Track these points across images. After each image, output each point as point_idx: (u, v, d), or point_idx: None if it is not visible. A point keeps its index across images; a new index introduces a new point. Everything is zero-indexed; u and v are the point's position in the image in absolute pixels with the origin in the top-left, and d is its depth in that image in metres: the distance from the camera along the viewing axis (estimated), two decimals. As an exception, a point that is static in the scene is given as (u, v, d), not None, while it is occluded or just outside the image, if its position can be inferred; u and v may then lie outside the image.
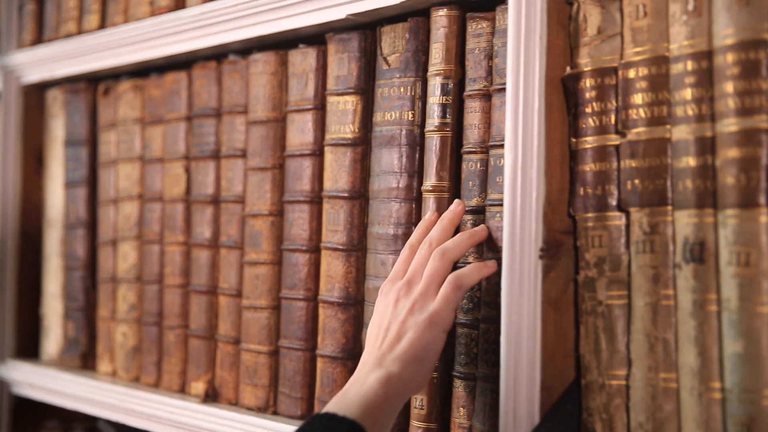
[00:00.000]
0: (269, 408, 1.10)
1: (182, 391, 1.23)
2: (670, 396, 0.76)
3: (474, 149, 0.91)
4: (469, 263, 0.89)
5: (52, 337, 1.47)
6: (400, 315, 0.84)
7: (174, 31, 1.22)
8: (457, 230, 0.91)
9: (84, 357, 1.40)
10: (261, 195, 1.12)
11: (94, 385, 1.32)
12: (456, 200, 0.91)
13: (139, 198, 1.33)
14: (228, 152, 1.18)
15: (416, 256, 0.88)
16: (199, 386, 1.18)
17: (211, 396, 1.18)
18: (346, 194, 1.03)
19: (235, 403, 1.15)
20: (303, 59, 1.09)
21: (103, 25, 1.37)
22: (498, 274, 0.85)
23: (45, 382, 1.40)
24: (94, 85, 1.42)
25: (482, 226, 0.89)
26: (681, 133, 0.75)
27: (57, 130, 1.49)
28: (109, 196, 1.38)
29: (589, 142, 0.82)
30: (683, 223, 0.75)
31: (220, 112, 1.20)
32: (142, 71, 1.35)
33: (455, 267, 0.89)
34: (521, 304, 0.82)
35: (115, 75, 1.40)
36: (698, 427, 0.73)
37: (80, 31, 1.41)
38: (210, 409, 1.15)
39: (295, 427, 1.03)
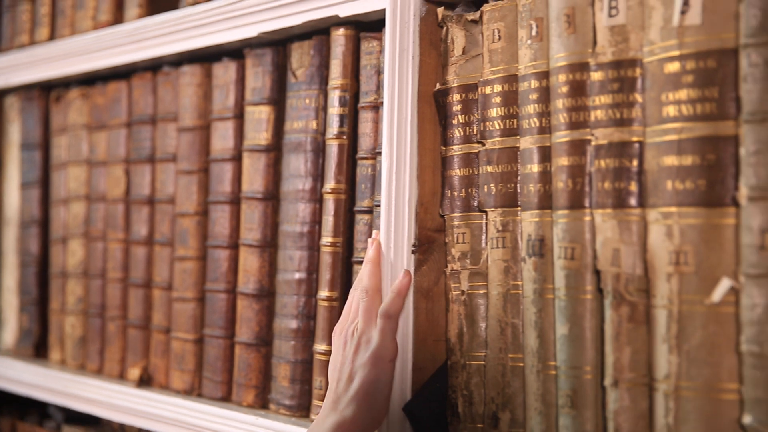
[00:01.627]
0: (194, 391, 1.21)
1: (121, 376, 1.33)
2: (517, 374, 0.86)
3: (366, 155, 1.02)
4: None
5: (9, 329, 1.57)
6: (349, 356, 0.91)
7: (113, 44, 1.32)
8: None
9: (36, 347, 1.51)
10: (188, 196, 1.23)
11: (44, 372, 1.42)
12: (376, 238, 0.96)
13: (86, 198, 1.43)
14: (162, 156, 1.29)
15: (354, 299, 0.95)
16: (134, 372, 1.29)
17: (146, 380, 1.28)
18: (260, 195, 1.13)
19: (166, 387, 1.26)
20: (225, 72, 1.19)
21: (52, 37, 1.48)
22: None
23: (1, 371, 1.50)
24: (47, 92, 1.52)
25: (375, 251, 0.94)
26: (526, 143, 0.85)
27: (14, 134, 1.60)
28: (60, 197, 1.48)
29: (456, 150, 0.92)
30: (528, 222, 0.85)
31: (155, 119, 1.31)
32: (90, 80, 1.45)
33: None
34: (396, 294, 0.92)
35: (65, 83, 1.50)
36: (536, 400, 0.83)
37: (32, 42, 1.51)
38: (143, 392, 1.25)
39: (217, 408, 1.14)
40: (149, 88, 1.32)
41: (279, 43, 1.14)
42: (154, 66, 1.33)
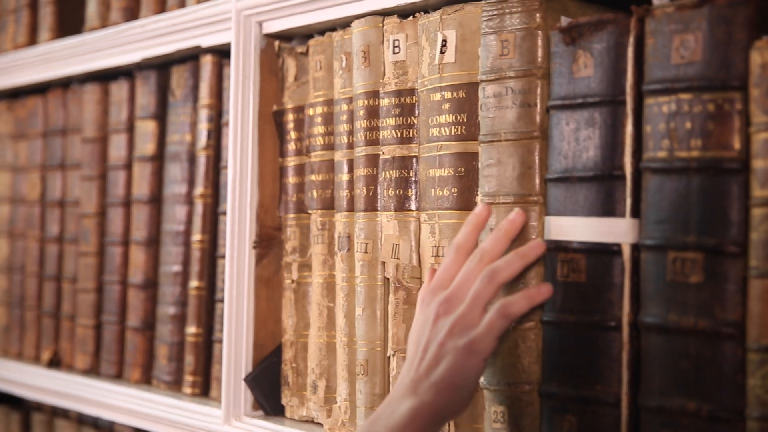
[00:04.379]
0: (94, 370, 1.38)
1: (37, 359, 1.50)
2: (331, 349, 1.03)
3: (226, 165, 1.18)
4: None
5: (-55, 319, 1.74)
6: (439, 335, 0.80)
7: (28, 63, 1.49)
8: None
9: (-32, 335, 1.67)
10: (90, 199, 1.39)
11: (-29, 357, 1.59)
12: (517, 209, 0.83)
13: (10, 201, 1.60)
14: (70, 163, 1.45)
15: (465, 269, 0.83)
16: (46, 354, 1.45)
17: (56, 362, 1.45)
18: (146, 199, 1.30)
19: (71, 367, 1.42)
20: (119, 90, 1.36)
21: (-19, 55, 1.64)
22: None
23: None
24: (-22, 105, 1.69)
25: (537, 242, 0.82)
26: (339, 156, 1.02)
27: (-50, 142, 1.76)
28: (-11, 199, 1.65)
29: (290, 161, 1.09)
30: (339, 222, 1.02)
31: (65, 130, 1.47)
32: (17, 93, 1.61)
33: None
34: (239, 283, 1.09)
35: (-4, 96, 1.66)
36: (343, 370, 1.00)
37: (-35, 60, 1.67)
38: (53, 372, 1.42)
39: (111, 384, 1.31)
40: (60, 103, 1.48)
41: (163, 66, 1.31)
42: (66, 83, 1.49)
